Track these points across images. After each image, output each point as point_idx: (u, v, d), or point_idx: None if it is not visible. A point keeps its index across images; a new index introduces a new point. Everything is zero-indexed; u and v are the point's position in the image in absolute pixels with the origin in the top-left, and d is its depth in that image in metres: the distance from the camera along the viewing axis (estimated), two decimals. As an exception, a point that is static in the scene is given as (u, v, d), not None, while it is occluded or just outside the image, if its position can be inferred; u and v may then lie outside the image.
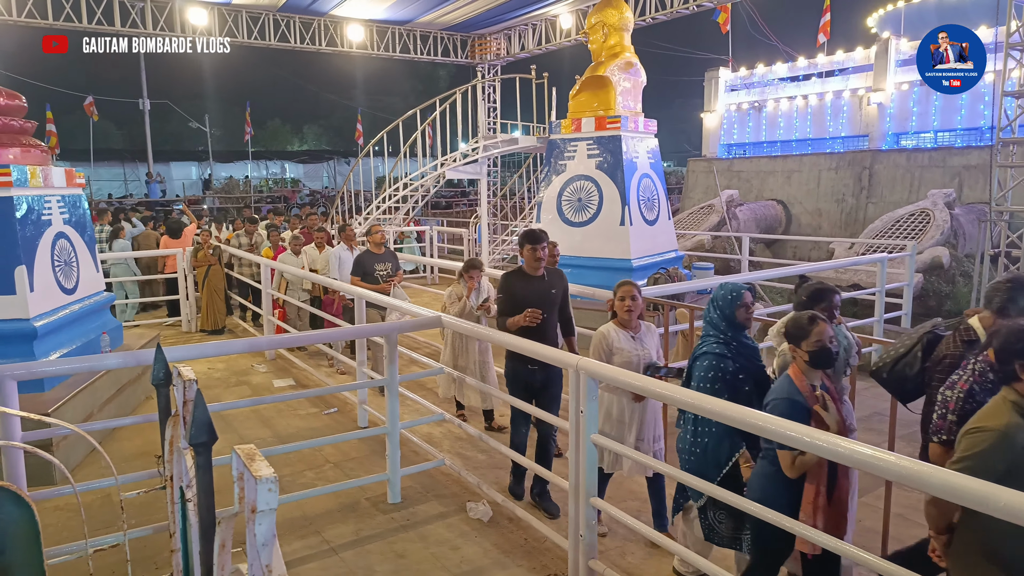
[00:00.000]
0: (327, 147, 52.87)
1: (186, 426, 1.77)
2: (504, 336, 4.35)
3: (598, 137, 9.25)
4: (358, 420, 6.19)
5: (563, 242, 9.46)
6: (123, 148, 41.20)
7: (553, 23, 15.89)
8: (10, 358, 5.21)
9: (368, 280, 7.07)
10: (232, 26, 14.74)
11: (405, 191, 12.42)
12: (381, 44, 16.53)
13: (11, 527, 1.89)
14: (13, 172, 5.32)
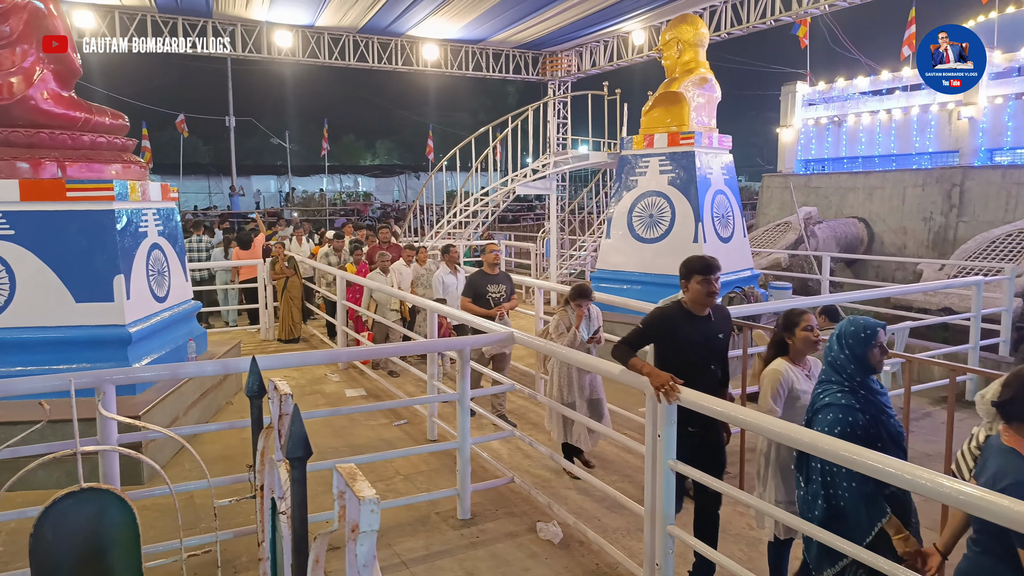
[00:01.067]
0: (398, 161, 54.11)
1: (281, 439, 1.81)
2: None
3: (671, 153, 9.14)
4: (428, 433, 6.24)
5: (633, 258, 9.42)
6: (208, 162, 43.24)
7: (625, 39, 15.85)
8: (106, 361, 5.51)
9: (479, 303, 6.54)
10: (315, 47, 15.31)
11: (476, 206, 12.56)
12: (454, 62, 16.84)
13: (114, 530, 1.98)
14: (115, 187, 5.64)
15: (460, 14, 13.96)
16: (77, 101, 6.11)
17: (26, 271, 5.47)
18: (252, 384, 2.17)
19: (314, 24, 14.75)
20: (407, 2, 13.06)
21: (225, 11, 13.73)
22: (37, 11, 5.76)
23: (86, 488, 1.97)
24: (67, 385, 2.85)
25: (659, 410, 3.33)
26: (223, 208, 32.41)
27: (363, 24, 14.74)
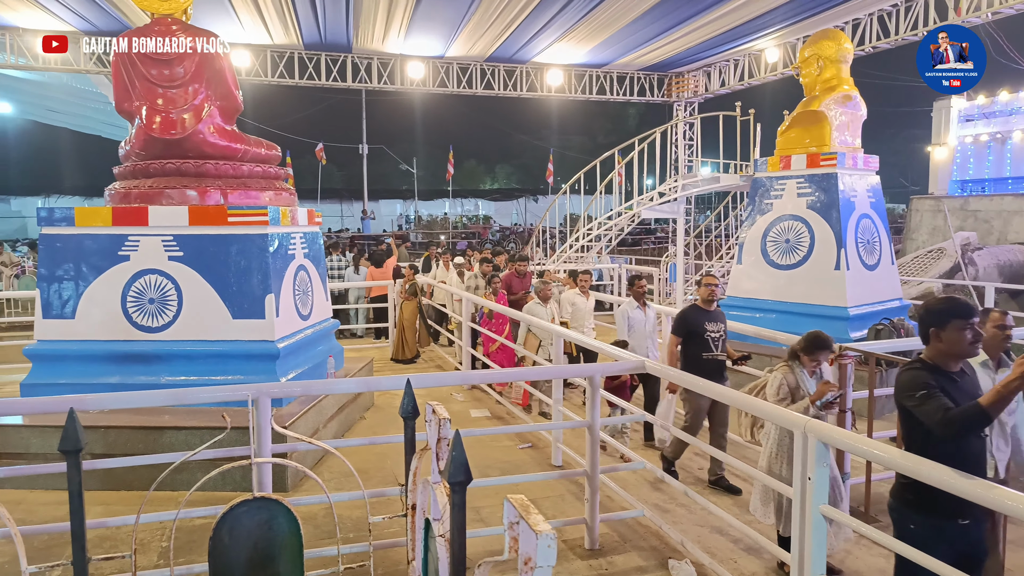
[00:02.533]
0: (516, 185, 55.04)
1: (439, 462, 1.83)
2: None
3: (810, 175, 8.70)
4: (552, 458, 6.20)
5: (766, 285, 9.00)
6: (341, 187, 45.82)
7: (757, 57, 15.33)
8: (256, 374, 5.90)
9: (695, 344, 5.58)
10: (444, 76, 15.92)
11: (599, 230, 12.51)
12: (578, 87, 16.95)
13: (281, 537, 2.08)
14: (269, 212, 6.07)
15: (586, 39, 14.06)
16: (238, 134, 6.66)
17: (192, 289, 5.97)
18: (407, 405, 2.23)
19: (444, 55, 15.35)
20: (534, 30, 13.32)
21: (363, 46, 14.58)
22: (207, 54, 6.35)
23: (258, 497, 2.10)
24: (234, 396, 3.07)
25: (809, 449, 3.12)
26: (354, 230, 34.19)
27: (490, 53, 15.18)
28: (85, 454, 2.52)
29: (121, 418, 5.38)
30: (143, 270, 5.99)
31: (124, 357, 5.91)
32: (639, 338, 6.75)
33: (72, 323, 6.01)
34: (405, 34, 13.63)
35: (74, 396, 3.39)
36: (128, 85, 6.32)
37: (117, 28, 13.14)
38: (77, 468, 2.26)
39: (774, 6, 11.63)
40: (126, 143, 6.59)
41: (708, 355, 5.57)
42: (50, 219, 6.14)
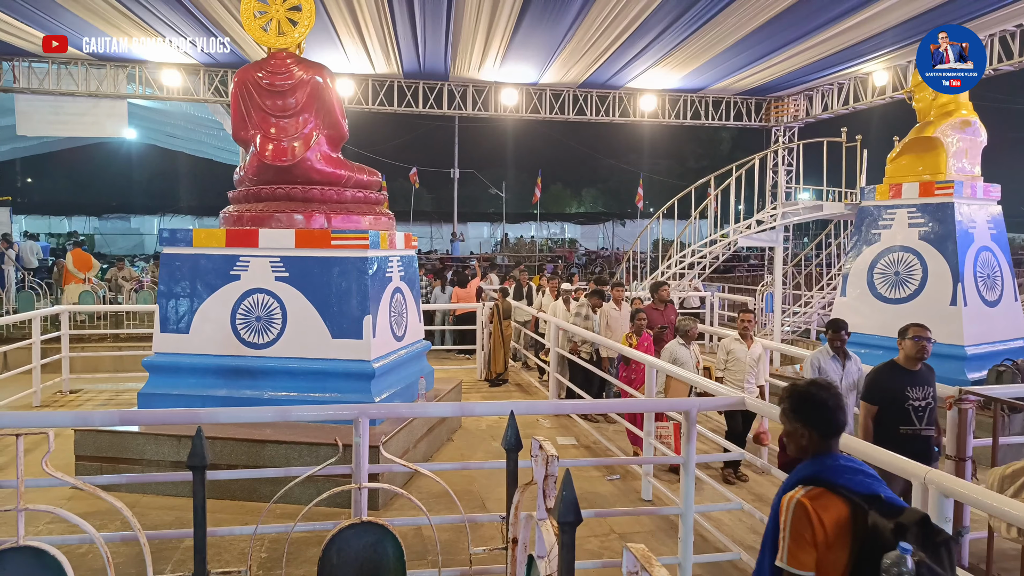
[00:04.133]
0: (603, 209, 54.74)
1: (546, 499, 1.81)
2: None
3: (923, 204, 8.24)
4: (642, 492, 6.05)
5: (873, 320, 8.55)
6: (431, 210, 46.96)
7: (864, 81, 14.70)
8: (353, 393, 6.07)
9: (892, 414, 4.45)
10: (536, 103, 16.12)
11: (693, 257, 12.26)
12: (672, 112, 16.76)
13: (386, 561, 2.12)
14: (370, 236, 6.28)
15: (682, 65, 13.91)
16: (342, 161, 6.95)
17: (295, 308, 6.24)
18: (510, 437, 2.23)
19: (538, 82, 15.54)
20: (629, 56, 13.29)
21: (460, 74, 14.97)
22: (318, 85, 6.67)
23: (366, 521, 2.14)
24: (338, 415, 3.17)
25: (930, 502, 2.91)
26: (443, 252, 34.91)
27: (584, 79, 15.25)
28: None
29: (225, 430, 5.63)
30: (252, 289, 6.31)
31: (232, 371, 6.21)
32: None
33: (187, 337, 6.39)
34: (501, 62, 13.90)
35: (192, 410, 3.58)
36: (245, 115, 6.72)
37: (234, 60, 14.04)
38: (202, 483, 2.38)
39: (884, 28, 11.15)
40: (240, 169, 7.01)
41: (909, 429, 4.46)
42: (171, 240, 6.58)
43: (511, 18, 11.07)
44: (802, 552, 2.05)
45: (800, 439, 2.27)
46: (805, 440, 2.25)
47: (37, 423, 5.86)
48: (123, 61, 14.14)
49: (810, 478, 2.18)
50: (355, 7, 10.68)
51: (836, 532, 2.04)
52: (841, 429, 2.27)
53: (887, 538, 1.95)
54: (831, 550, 2.05)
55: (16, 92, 14.19)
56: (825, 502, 2.08)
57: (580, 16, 10.94)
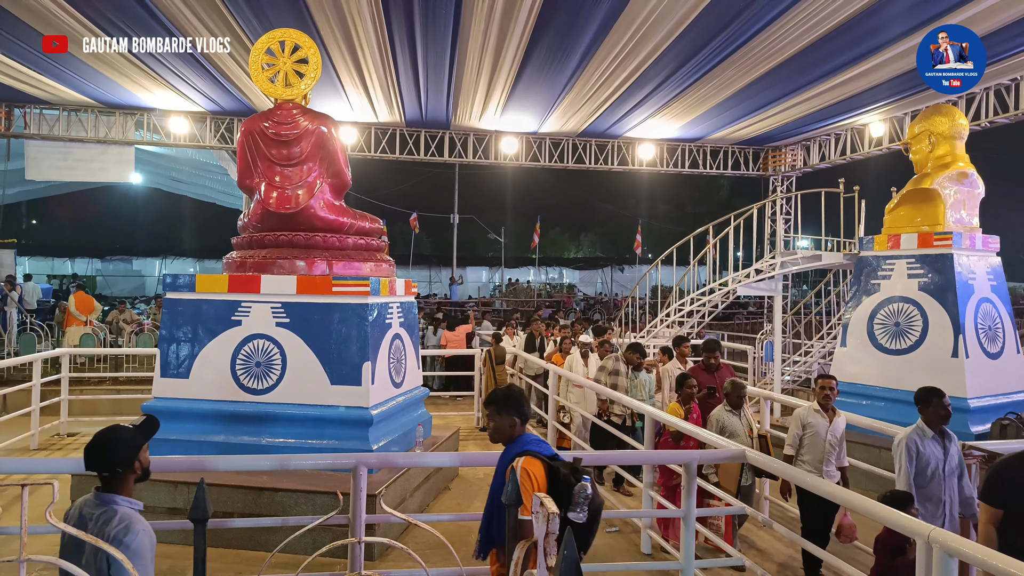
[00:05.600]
0: (600, 254, 55.03)
1: (547, 557, 1.80)
2: None
3: (922, 255, 8.30)
4: (641, 545, 5.95)
5: (873, 370, 8.53)
6: (430, 254, 47.21)
7: (861, 132, 14.95)
8: (350, 440, 6.02)
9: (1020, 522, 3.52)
10: (536, 151, 16.36)
11: (693, 305, 12.28)
12: (670, 160, 17.00)
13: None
14: (371, 283, 6.31)
15: (680, 115, 14.17)
16: (345, 209, 7.03)
17: (295, 354, 6.23)
18: (511, 492, 2.21)
19: (537, 131, 15.81)
20: (627, 107, 13.55)
21: (461, 123, 15.24)
22: (322, 135, 6.79)
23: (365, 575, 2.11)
24: (336, 464, 3.15)
25: (934, 562, 2.87)
26: (441, 296, 34.97)
27: (583, 128, 15.51)
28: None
29: (222, 476, 5.55)
30: (253, 335, 6.31)
31: (231, 417, 6.18)
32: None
33: (186, 382, 6.37)
34: (501, 111, 14.16)
35: (193, 457, 3.54)
36: (251, 163, 6.83)
37: (240, 109, 14.31)
38: (203, 535, 2.35)
39: (880, 81, 11.39)
40: (244, 215, 7.07)
41: None
42: (174, 285, 6.61)
43: (512, 70, 11.33)
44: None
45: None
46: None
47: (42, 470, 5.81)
48: (132, 108, 14.42)
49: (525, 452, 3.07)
50: (360, 59, 10.94)
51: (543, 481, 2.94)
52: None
53: (568, 477, 2.90)
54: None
55: (27, 138, 14.42)
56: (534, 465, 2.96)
57: (580, 68, 11.20)
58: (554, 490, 2.87)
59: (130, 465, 2.55)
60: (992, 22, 8.95)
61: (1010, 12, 8.69)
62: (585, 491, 2.86)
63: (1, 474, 6.66)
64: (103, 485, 2.54)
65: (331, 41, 10.13)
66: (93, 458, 2.53)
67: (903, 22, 9.06)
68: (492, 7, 8.88)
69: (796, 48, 10.06)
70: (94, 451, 2.54)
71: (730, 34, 9.67)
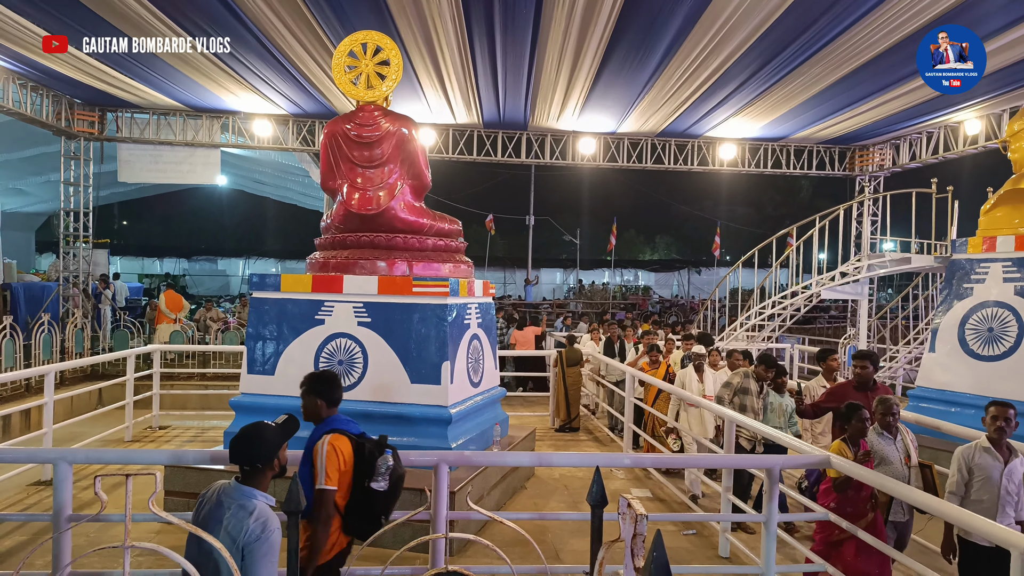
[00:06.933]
0: (676, 256, 54.09)
1: (634, 558, 1.81)
2: None
3: (1019, 258, 7.84)
4: (719, 549, 5.86)
5: (965, 377, 8.11)
6: (505, 256, 47.55)
7: (955, 130, 14.18)
8: (430, 438, 6.16)
9: None
10: (614, 151, 16.25)
11: (774, 308, 11.94)
12: (752, 161, 16.57)
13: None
14: (450, 284, 6.44)
15: (763, 114, 13.79)
16: (425, 210, 7.18)
17: (377, 353, 6.42)
18: (595, 493, 2.24)
19: (616, 131, 15.69)
20: (709, 107, 13.29)
21: (539, 124, 15.29)
22: (403, 137, 6.97)
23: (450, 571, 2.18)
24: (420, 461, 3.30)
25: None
26: (515, 297, 35.15)
27: (662, 128, 15.30)
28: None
29: (307, 469, 5.81)
30: (335, 333, 6.54)
31: (314, 413, 6.41)
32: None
33: (272, 379, 6.65)
34: (579, 112, 14.13)
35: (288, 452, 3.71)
36: (333, 165, 7.06)
37: (322, 111, 14.81)
38: (296, 527, 2.48)
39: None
40: (327, 217, 7.34)
41: None
42: (261, 284, 6.91)
43: (591, 70, 11.29)
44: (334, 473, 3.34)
45: None
46: None
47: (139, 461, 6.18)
48: (218, 112, 15.12)
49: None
50: (439, 61, 11.14)
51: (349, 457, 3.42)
52: None
53: (373, 452, 3.43)
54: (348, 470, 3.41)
55: (119, 141, 15.32)
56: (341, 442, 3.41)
57: (661, 67, 11.06)
58: (361, 464, 3.38)
59: (270, 462, 2.74)
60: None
61: None
62: (387, 463, 3.28)
63: (100, 464, 7.08)
64: (243, 478, 2.73)
65: (411, 43, 10.33)
66: (238, 452, 2.74)
67: (1000, 17, 8.56)
68: (573, 6, 8.86)
69: (886, 44, 9.64)
70: (239, 445, 2.75)
71: (816, 31, 9.36)
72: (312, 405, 3.62)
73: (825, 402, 6.02)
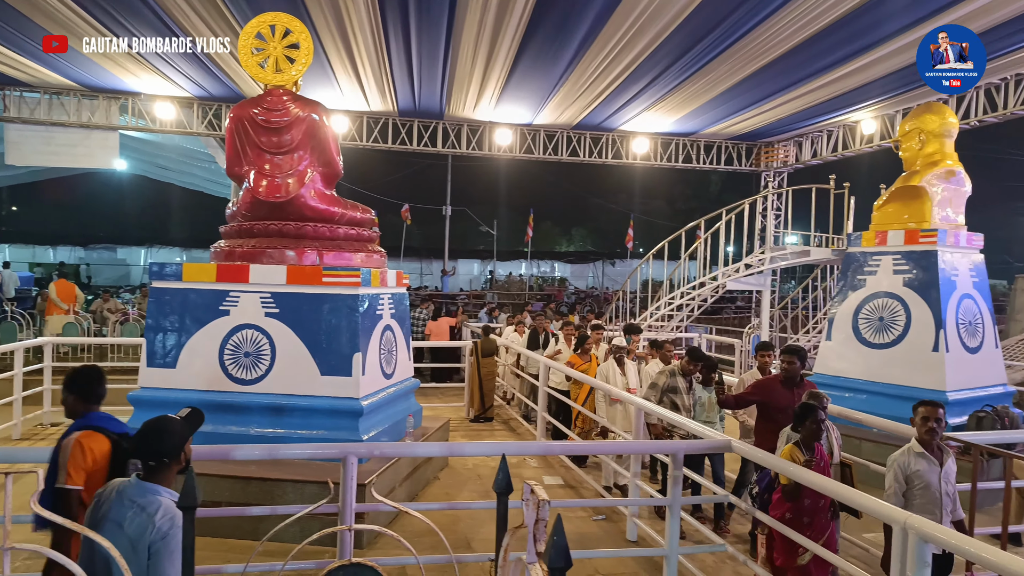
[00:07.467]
0: (592, 248, 55.14)
1: (536, 543, 1.82)
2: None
3: (907, 252, 8.38)
4: (627, 533, 6.02)
5: (857, 364, 8.62)
6: (421, 246, 47.14)
7: (853, 129, 15.04)
8: (340, 431, 6.02)
9: None
10: (531, 143, 16.35)
11: (682, 299, 12.34)
12: (664, 155, 17.04)
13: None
14: (362, 274, 6.30)
15: (674, 109, 14.20)
16: (336, 198, 6.99)
17: (285, 345, 6.22)
18: (501, 480, 2.24)
19: (532, 122, 15.79)
20: (623, 100, 13.56)
21: (455, 113, 15.20)
22: (314, 122, 6.75)
23: (354, 563, 2.14)
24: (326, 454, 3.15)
25: (909, 547, 2.94)
26: (432, 288, 34.93)
27: (578, 121, 15.52)
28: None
29: (210, 466, 5.56)
30: (241, 325, 6.29)
31: (218, 407, 6.15)
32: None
33: (173, 372, 6.34)
34: (496, 102, 14.13)
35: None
36: (240, 151, 6.77)
37: (229, 95, 14.20)
38: (192, 523, 2.37)
39: (873, 79, 11.47)
40: (233, 204, 7.03)
41: None
42: (161, 274, 6.56)
43: (508, 60, 11.30)
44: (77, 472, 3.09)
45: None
46: None
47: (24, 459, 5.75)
48: (116, 92, 14.25)
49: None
50: (352, 46, 10.87)
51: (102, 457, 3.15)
52: None
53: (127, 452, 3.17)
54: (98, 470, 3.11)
55: (7, 121, 14.22)
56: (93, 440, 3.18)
57: (575, 60, 11.19)
58: (116, 463, 3.25)
59: (177, 456, 2.64)
60: (984, 21, 9.01)
61: (1002, 11, 8.76)
62: (136, 466, 3.11)
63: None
64: (147, 474, 2.60)
65: (322, 26, 10.04)
66: (143, 447, 2.61)
67: (897, 20, 9.11)
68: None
69: (790, 44, 10.10)
70: (145, 440, 2.62)
71: (725, 29, 9.70)
72: (70, 402, 3.55)
73: (749, 394, 5.80)
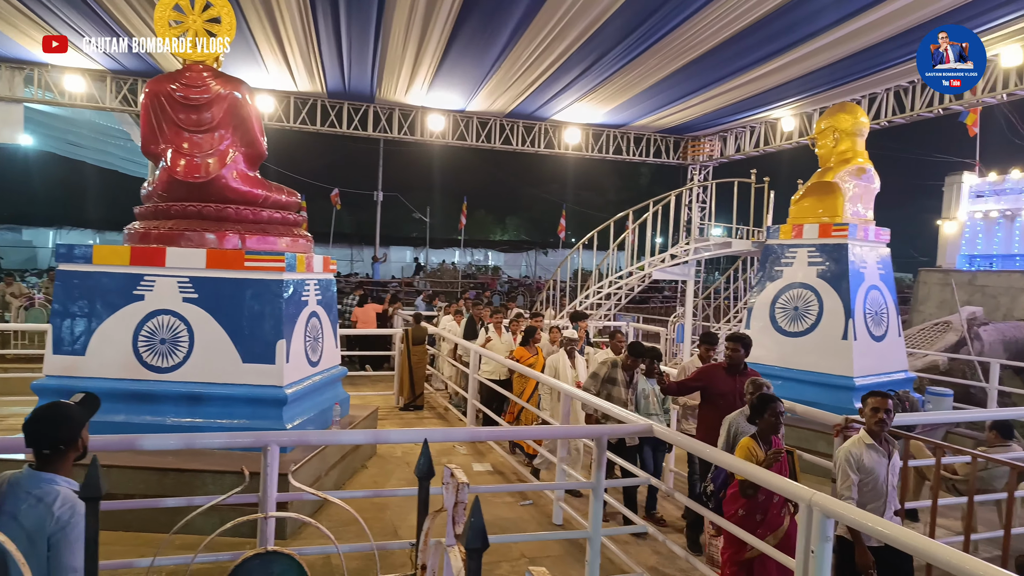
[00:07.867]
0: (526, 237, 55.50)
1: (455, 526, 1.83)
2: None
3: (821, 244, 8.78)
4: (553, 516, 6.12)
5: (774, 352, 8.99)
6: (352, 232, 46.30)
7: (773, 125, 15.62)
8: (263, 419, 5.88)
9: None
10: (463, 130, 16.26)
11: (611, 288, 12.57)
12: (595, 146, 17.26)
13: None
14: (286, 258, 6.14)
15: (605, 101, 14.38)
16: (260, 180, 6.78)
17: (204, 331, 6.00)
18: (423, 465, 2.23)
19: (465, 109, 15.70)
20: (555, 90, 13.65)
21: (386, 97, 14.94)
22: (236, 100, 6.51)
23: (271, 551, 2.10)
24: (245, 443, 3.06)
25: (814, 527, 3.10)
26: (363, 275, 34.40)
27: (510, 109, 15.52)
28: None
29: (122, 457, 5.35)
30: (157, 310, 6.03)
31: (131, 396, 5.91)
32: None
33: (82, 359, 6.03)
34: (428, 87, 13.97)
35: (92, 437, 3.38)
36: (156, 128, 6.46)
37: (145, 70, 13.53)
38: (95, 515, 2.27)
39: (791, 78, 11.93)
40: (149, 184, 6.72)
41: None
42: (68, 256, 6.21)
43: (440, 44, 11.18)
44: None
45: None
46: None
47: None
48: (20, 62, 13.36)
49: None
50: (278, 23, 10.53)
51: None
52: None
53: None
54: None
55: None
56: None
57: (508, 47, 11.18)
58: None
59: (74, 443, 2.51)
60: (894, 26, 9.49)
61: (916, 15, 9.22)
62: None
63: None
64: (41, 463, 2.47)
65: (246, 1, 9.68)
66: (37, 434, 2.47)
67: (813, 22, 9.48)
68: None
69: (715, 42, 10.38)
70: (38, 427, 2.48)
71: (653, 24, 9.88)
72: None
73: (692, 380, 5.81)
